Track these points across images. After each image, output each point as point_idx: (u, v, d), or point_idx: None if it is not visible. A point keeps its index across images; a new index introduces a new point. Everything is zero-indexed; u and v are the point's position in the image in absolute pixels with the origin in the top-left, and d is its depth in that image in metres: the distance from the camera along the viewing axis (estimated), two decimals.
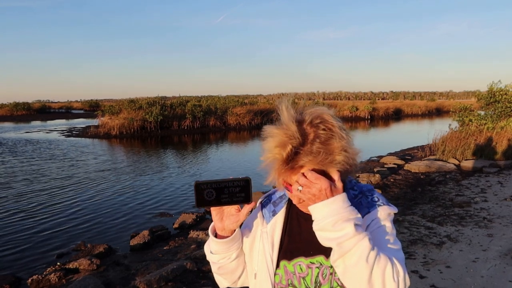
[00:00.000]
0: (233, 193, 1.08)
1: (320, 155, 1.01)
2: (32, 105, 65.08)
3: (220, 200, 1.08)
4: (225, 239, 1.16)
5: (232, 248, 1.18)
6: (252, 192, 1.10)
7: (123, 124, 25.52)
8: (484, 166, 10.37)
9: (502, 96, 14.66)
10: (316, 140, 1.02)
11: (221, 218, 1.14)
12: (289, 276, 1.16)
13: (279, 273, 1.18)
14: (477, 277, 4.17)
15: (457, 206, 6.98)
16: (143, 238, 6.09)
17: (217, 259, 1.20)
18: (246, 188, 1.09)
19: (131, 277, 4.86)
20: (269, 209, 1.24)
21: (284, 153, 1.02)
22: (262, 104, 37.62)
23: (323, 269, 1.15)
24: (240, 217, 1.12)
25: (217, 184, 1.07)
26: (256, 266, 1.21)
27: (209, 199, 1.07)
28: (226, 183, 1.07)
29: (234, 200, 1.09)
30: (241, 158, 16.05)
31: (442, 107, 57.82)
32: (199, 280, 4.64)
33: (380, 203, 1.16)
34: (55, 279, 4.88)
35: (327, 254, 1.14)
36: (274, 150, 1.03)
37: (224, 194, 1.07)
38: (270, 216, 1.23)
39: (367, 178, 9.38)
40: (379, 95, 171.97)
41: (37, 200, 9.11)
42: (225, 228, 1.14)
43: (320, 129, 1.03)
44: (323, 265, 1.15)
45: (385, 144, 18.70)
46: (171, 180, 11.35)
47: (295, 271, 1.16)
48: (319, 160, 1.01)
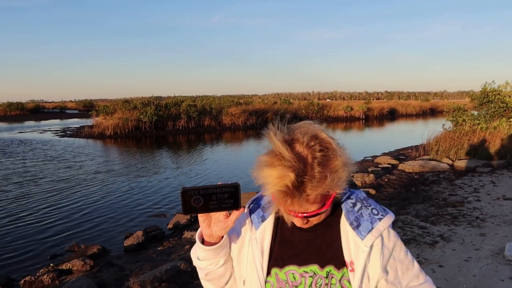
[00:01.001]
0: (221, 199, 1.04)
1: (326, 179, 0.96)
2: (25, 105, 64.57)
3: (208, 207, 1.04)
4: (213, 246, 1.12)
5: (220, 255, 1.15)
6: (240, 198, 1.06)
7: (118, 124, 25.40)
8: (477, 166, 10.45)
9: (495, 96, 14.78)
10: (315, 163, 0.97)
11: (209, 224, 1.10)
12: (281, 284, 1.14)
13: (270, 280, 1.15)
14: (470, 276, 4.20)
15: (450, 205, 7.03)
16: (137, 238, 6.07)
17: (205, 265, 1.17)
18: (235, 194, 1.05)
19: (125, 278, 4.84)
20: (258, 214, 1.20)
21: (289, 184, 0.95)
22: (257, 104, 37.65)
23: (316, 278, 1.13)
24: (229, 223, 1.08)
25: (205, 190, 1.03)
26: (245, 272, 1.18)
27: (196, 205, 1.03)
28: (214, 189, 1.03)
29: (223, 207, 1.05)
30: (235, 159, 16.04)
31: (436, 107, 58.14)
32: (193, 280, 4.63)
33: (380, 216, 1.14)
34: (48, 280, 4.85)
35: (321, 263, 1.13)
36: (276, 182, 0.97)
37: (212, 200, 1.04)
38: (259, 221, 1.19)
39: (361, 178, 9.41)
40: (374, 95, 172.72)
41: (29, 201, 9.04)
42: (213, 234, 1.11)
43: (317, 151, 0.98)
44: (317, 274, 1.13)
45: (380, 144, 18.77)
46: (166, 180, 11.32)
47: (287, 279, 1.14)
48: (326, 184, 0.97)
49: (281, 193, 0.98)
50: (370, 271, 1.12)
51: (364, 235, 1.11)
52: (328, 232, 1.15)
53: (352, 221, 1.13)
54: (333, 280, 1.12)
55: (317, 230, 1.15)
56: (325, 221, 1.15)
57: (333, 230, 1.15)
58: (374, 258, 1.12)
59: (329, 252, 1.14)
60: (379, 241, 1.13)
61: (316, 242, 1.15)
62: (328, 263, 1.13)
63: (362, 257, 1.10)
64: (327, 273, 1.13)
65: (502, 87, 15.01)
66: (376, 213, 1.15)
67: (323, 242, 1.15)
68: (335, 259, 1.13)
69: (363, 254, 1.10)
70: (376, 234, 1.11)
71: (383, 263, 1.13)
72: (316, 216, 1.06)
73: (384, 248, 1.14)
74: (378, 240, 1.12)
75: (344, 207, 1.16)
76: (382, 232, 1.13)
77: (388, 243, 1.16)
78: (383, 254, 1.13)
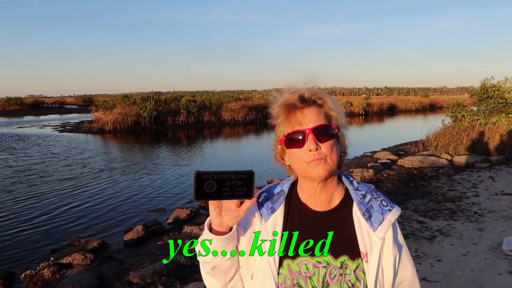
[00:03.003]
0: (235, 186, 1.00)
1: (323, 94, 1.13)
2: (25, 100, 64.55)
3: (221, 194, 1.00)
4: (223, 235, 1.08)
5: (228, 246, 1.11)
6: (254, 187, 1.02)
7: (117, 119, 25.37)
8: (476, 161, 10.47)
9: (494, 92, 14.78)
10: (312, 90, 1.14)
11: (220, 213, 1.06)
12: (294, 276, 1.12)
13: (283, 272, 1.13)
14: (467, 270, 4.23)
15: (449, 200, 7.05)
16: (137, 233, 6.10)
17: (211, 258, 1.12)
18: (249, 181, 1.01)
19: (125, 272, 4.87)
20: (267, 206, 1.18)
21: (294, 96, 1.12)
22: (257, 99, 37.51)
23: (330, 269, 1.11)
24: (240, 213, 1.05)
25: (219, 175, 0.99)
26: (254, 266, 1.15)
27: (209, 191, 0.99)
28: (229, 175, 1.00)
29: (235, 194, 1.01)
30: (235, 154, 16.05)
31: (435, 103, 58.10)
32: (192, 274, 4.66)
33: (390, 207, 1.16)
34: (49, 274, 4.87)
35: (334, 254, 1.12)
36: (282, 100, 1.14)
37: (225, 187, 1.00)
38: (269, 213, 1.17)
39: (360, 173, 9.43)
40: (374, 90, 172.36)
41: (29, 196, 9.06)
42: (223, 224, 1.07)
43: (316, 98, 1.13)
44: (331, 264, 1.12)
45: (379, 139, 18.78)
46: (165, 175, 11.33)
47: (300, 270, 1.12)
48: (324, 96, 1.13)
49: (286, 107, 1.12)
50: (384, 264, 1.13)
51: (376, 226, 1.12)
52: (341, 222, 1.15)
53: (364, 212, 1.14)
54: (347, 271, 1.11)
55: (329, 218, 1.16)
56: (336, 210, 1.16)
57: (346, 220, 1.15)
58: (388, 252, 1.13)
59: (342, 242, 1.13)
60: (391, 234, 1.14)
61: (329, 232, 1.15)
62: (342, 253, 1.13)
63: (376, 249, 1.11)
64: (341, 263, 1.12)
65: (502, 83, 15.01)
66: (385, 205, 1.16)
67: (336, 232, 1.14)
68: (349, 250, 1.13)
69: (377, 246, 1.11)
70: (387, 225, 1.12)
71: (395, 256, 1.14)
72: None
73: (395, 242, 1.15)
74: (390, 232, 1.13)
75: (355, 198, 1.16)
76: (392, 223, 1.14)
77: (400, 237, 1.20)
78: (395, 247, 1.14)
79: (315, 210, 1.16)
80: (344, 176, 1.21)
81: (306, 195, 1.17)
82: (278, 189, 1.22)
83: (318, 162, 1.07)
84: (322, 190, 1.14)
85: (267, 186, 1.25)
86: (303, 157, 1.09)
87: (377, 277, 1.10)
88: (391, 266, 1.13)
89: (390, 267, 1.13)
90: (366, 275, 1.10)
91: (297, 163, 1.11)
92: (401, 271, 1.18)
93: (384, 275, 1.12)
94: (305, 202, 1.18)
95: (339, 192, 1.18)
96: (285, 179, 1.25)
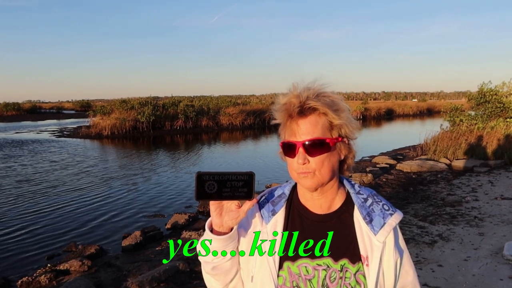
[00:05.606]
0: (235, 187, 1.02)
1: (325, 96, 1.10)
2: (22, 105, 64.40)
3: (222, 194, 1.02)
4: (223, 236, 1.09)
5: (228, 247, 1.12)
6: (254, 188, 1.04)
7: (115, 124, 25.33)
8: (475, 166, 10.47)
9: (492, 97, 14.83)
10: (314, 89, 1.11)
11: (220, 213, 1.08)
12: (294, 278, 1.13)
13: (283, 274, 1.13)
14: (469, 275, 4.20)
15: (448, 205, 7.03)
16: (135, 238, 6.04)
17: (211, 258, 1.13)
18: (249, 183, 1.03)
19: (123, 278, 4.81)
20: (268, 208, 1.20)
21: (292, 97, 1.10)
22: (255, 104, 37.66)
23: (330, 271, 1.12)
24: (240, 213, 1.06)
25: (220, 176, 1.01)
26: (254, 268, 1.16)
27: (210, 191, 1.01)
28: (229, 176, 1.02)
29: (236, 195, 1.03)
30: (233, 158, 16.02)
31: (433, 107, 58.31)
32: (191, 280, 4.61)
33: (391, 211, 1.16)
34: (46, 281, 4.81)
35: (334, 257, 1.13)
36: (283, 99, 1.12)
37: (226, 187, 1.02)
38: (270, 215, 1.18)
39: (359, 177, 9.41)
40: (371, 95, 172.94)
41: (26, 201, 8.99)
42: (223, 224, 1.08)
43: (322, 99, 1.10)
44: (331, 267, 1.12)
45: (377, 144, 18.78)
46: (163, 180, 11.28)
47: (300, 272, 1.13)
48: (325, 102, 1.08)
49: (285, 114, 1.10)
50: (384, 267, 1.13)
51: (377, 230, 1.12)
52: (342, 225, 1.15)
53: (365, 216, 1.14)
54: (348, 274, 1.11)
55: (329, 221, 1.16)
56: (336, 213, 1.17)
57: (346, 224, 1.15)
58: (388, 256, 1.13)
59: (343, 245, 1.14)
60: (392, 238, 1.14)
61: (329, 232, 1.15)
62: (342, 256, 1.13)
63: (376, 253, 1.11)
64: (341, 266, 1.12)
65: (499, 88, 15.07)
66: (387, 209, 1.16)
67: (336, 235, 1.14)
68: (350, 253, 1.13)
69: (378, 250, 1.11)
70: (388, 229, 1.13)
71: (396, 260, 1.14)
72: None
73: (396, 246, 1.16)
74: (391, 236, 1.14)
75: (356, 202, 1.16)
76: (394, 227, 1.14)
77: (401, 242, 1.20)
78: (396, 251, 1.15)
79: (315, 213, 1.17)
80: (346, 180, 1.22)
81: (306, 199, 1.18)
82: (280, 191, 1.23)
83: (306, 176, 1.09)
84: (321, 196, 1.16)
85: (268, 189, 1.27)
86: (294, 167, 1.11)
87: (378, 281, 1.10)
88: (392, 270, 1.13)
89: (391, 271, 1.13)
90: (367, 278, 1.10)
91: (290, 171, 1.14)
92: (403, 276, 1.19)
93: (384, 279, 1.13)
94: (306, 205, 1.19)
95: (340, 196, 1.18)
96: (287, 182, 1.26)
